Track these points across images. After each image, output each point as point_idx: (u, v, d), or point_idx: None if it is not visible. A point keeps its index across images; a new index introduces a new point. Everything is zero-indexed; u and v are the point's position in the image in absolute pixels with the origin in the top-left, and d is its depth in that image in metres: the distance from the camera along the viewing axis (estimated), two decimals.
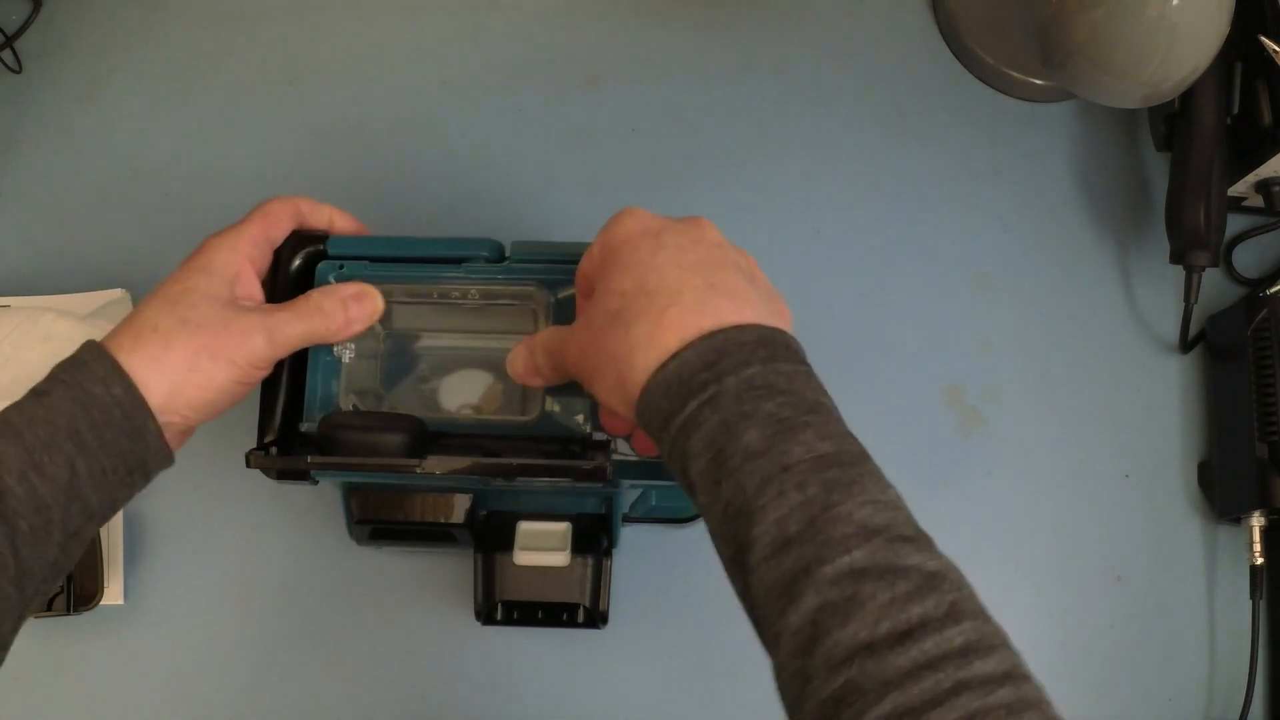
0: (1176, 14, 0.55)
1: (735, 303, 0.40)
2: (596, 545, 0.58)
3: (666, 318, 0.39)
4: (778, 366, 0.38)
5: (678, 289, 0.40)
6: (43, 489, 0.41)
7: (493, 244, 0.54)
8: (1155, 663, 0.65)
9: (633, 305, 0.41)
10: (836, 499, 0.35)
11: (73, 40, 0.75)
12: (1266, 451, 0.62)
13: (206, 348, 0.45)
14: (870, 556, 0.34)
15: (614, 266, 0.42)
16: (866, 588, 0.33)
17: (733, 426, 0.36)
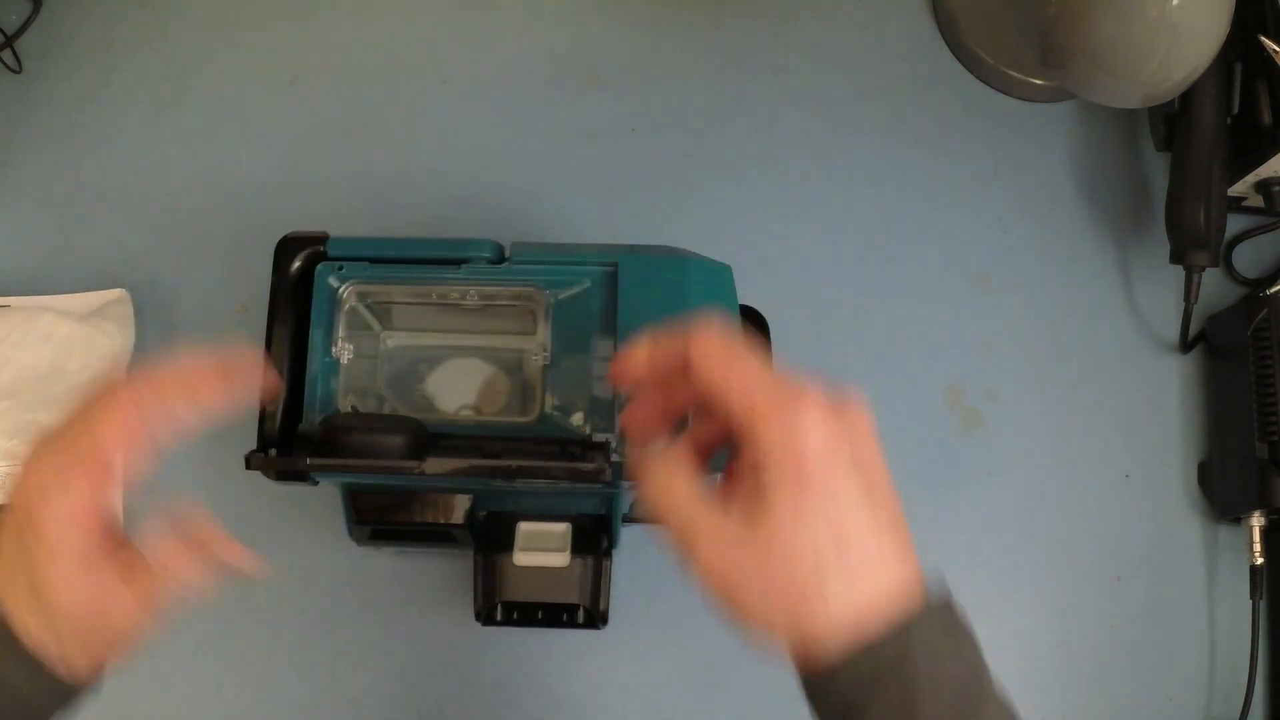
0: (1176, 14, 0.55)
1: (908, 564, 0.37)
2: (596, 545, 0.58)
3: (860, 587, 0.36)
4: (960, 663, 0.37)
5: (872, 559, 0.36)
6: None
7: (493, 244, 0.54)
8: (1155, 663, 0.65)
9: (826, 557, 0.36)
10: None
11: (73, 40, 0.75)
12: (1266, 451, 0.62)
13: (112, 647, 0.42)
14: None
15: (802, 490, 0.36)
16: None
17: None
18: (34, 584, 0.40)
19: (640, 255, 0.53)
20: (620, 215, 0.71)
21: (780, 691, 0.64)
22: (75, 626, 0.40)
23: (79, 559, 0.40)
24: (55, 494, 0.40)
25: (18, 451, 0.64)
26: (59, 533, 0.39)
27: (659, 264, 0.53)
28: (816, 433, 0.36)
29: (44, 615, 0.40)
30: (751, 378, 0.37)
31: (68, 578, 0.40)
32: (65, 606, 0.40)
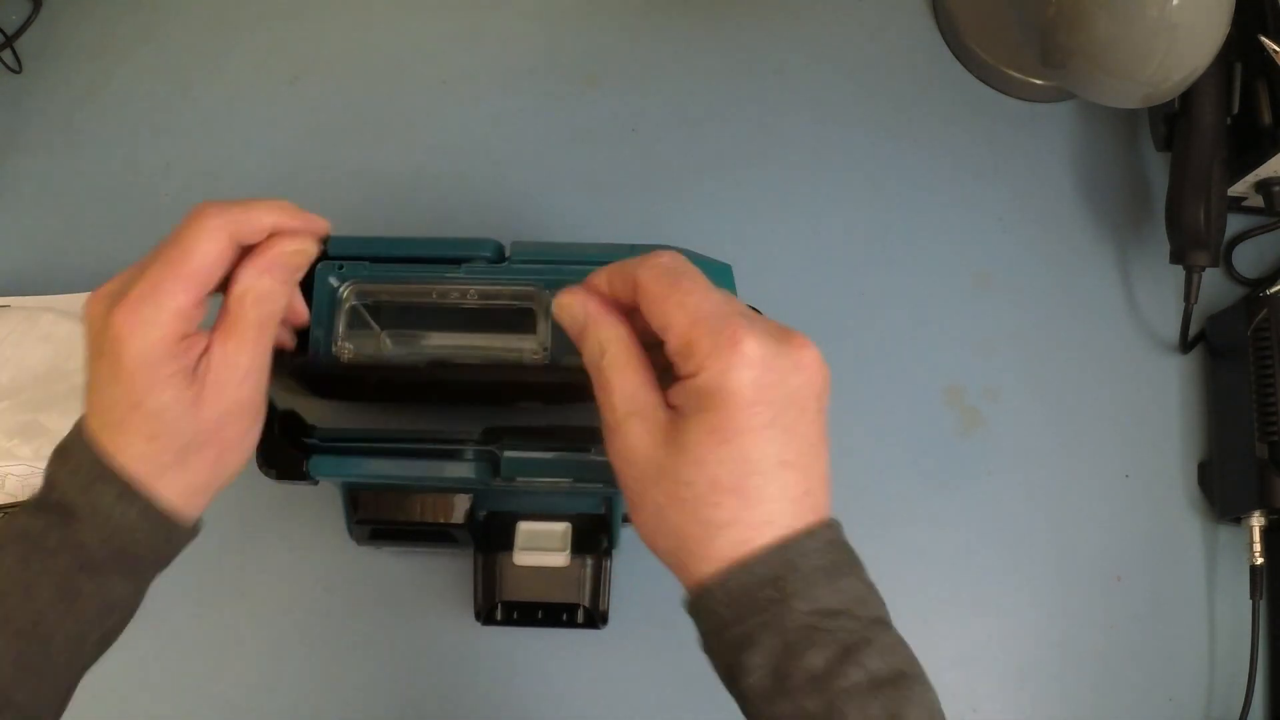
0: (1176, 14, 0.55)
1: (814, 498, 0.38)
2: (596, 545, 0.58)
3: (748, 518, 0.37)
4: (840, 585, 0.38)
5: (771, 494, 0.37)
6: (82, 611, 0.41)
7: (493, 244, 0.54)
8: (1155, 663, 0.65)
9: (720, 495, 0.37)
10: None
11: (73, 40, 0.75)
12: (1266, 451, 0.62)
13: (223, 447, 0.43)
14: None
15: (716, 432, 0.37)
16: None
17: (795, 648, 0.36)
18: (133, 406, 0.40)
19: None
20: (620, 215, 0.71)
21: None
22: (178, 445, 0.41)
23: (175, 372, 0.40)
24: (146, 310, 0.39)
25: (18, 451, 0.64)
26: (151, 347, 0.39)
27: None
28: (747, 370, 0.37)
29: (147, 442, 0.40)
30: (696, 304, 0.38)
31: (166, 392, 0.40)
32: (169, 422, 0.40)
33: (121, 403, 0.40)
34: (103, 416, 0.41)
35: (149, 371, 0.40)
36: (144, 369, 0.39)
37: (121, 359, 0.39)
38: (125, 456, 0.41)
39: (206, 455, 0.42)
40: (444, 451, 0.52)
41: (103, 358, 0.40)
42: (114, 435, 0.41)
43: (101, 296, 0.41)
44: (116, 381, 0.40)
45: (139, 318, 0.39)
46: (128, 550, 0.41)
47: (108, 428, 0.41)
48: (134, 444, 0.40)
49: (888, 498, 0.66)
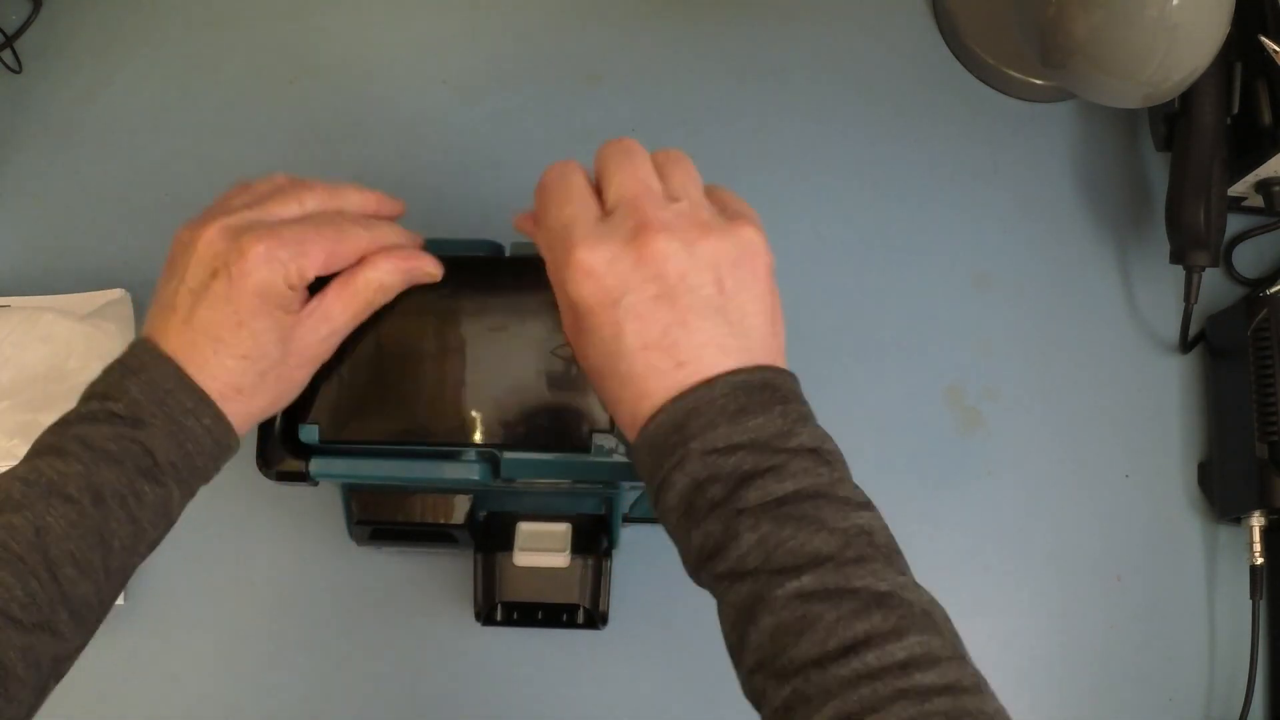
0: (1176, 14, 0.55)
1: (705, 355, 0.41)
2: (596, 546, 0.58)
3: (639, 390, 0.42)
4: (744, 422, 0.40)
5: (644, 371, 0.41)
6: (140, 514, 0.44)
7: (493, 244, 0.54)
8: (1155, 663, 0.65)
9: (608, 380, 0.43)
10: (787, 534, 0.38)
11: (73, 40, 0.75)
12: (1266, 451, 0.62)
13: (286, 386, 0.49)
14: (819, 580, 0.37)
15: (585, 336, 0.43)
16: (815, 608, 0.37)
17: (701, 483, 0.40)
18: (238, 325, 0.45)
19: None
20: None
21: None
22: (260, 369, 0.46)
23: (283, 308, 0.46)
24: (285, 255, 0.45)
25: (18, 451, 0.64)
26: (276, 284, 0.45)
27: None
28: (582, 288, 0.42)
29: (238, 360, 0.46)
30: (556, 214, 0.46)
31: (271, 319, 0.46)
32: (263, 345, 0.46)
33: (229, 320, 0.45)
34: (198, 331, 0.45)
35: (264, 301, 0.45)
36: (261, 298, 0.45)
37: (245, 284, 0.45)
38: (209, 373, 0.45)
39: (273, 386, 0.47)
40: (444, 452, 0.52)
41: (220, 278, 0.45)
42: (204, 351, 0.45)
43: (222, 227, 0.46)
44: (229, 301, 0.45)
45: (277, 258, 0.45)
46: (191, 460, 0.45)
47: (198, 344, 0.45)
48: (225, 361, 0.45)
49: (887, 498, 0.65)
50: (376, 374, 0.52)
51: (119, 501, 0.43)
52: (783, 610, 0.37)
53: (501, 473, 0.52)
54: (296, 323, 0.47)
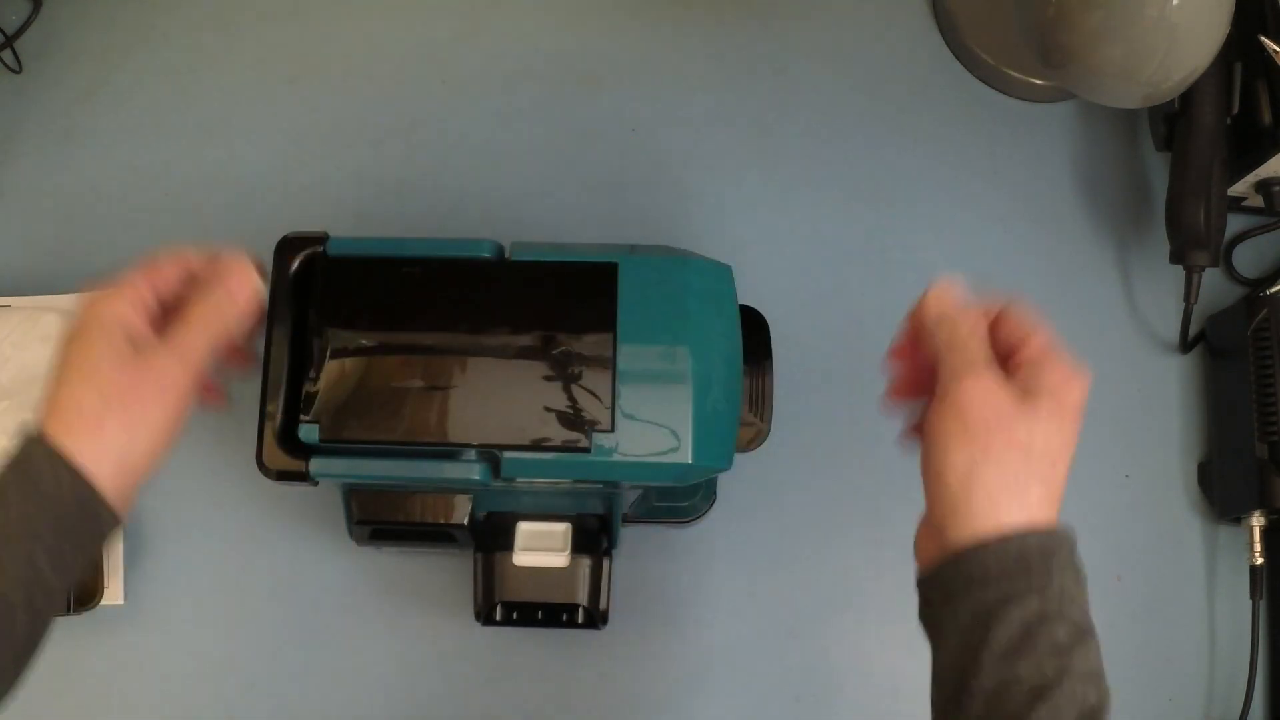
0: (1176, 14, 0.55)
1: (1055, 502, 0.45)
2: (596, 545, 0.58)
3: (1037, 495, 0.43)
4: (1080, 580, 0.43)
5: (1059, 480, 0.44)
6: (2, 584, 0.43)
7: (493, 244, 0.54)
8: (1155, 663, 0.65)
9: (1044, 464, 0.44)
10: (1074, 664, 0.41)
11: (73, 40, 0.75)
12: (1266, 451, 0.62)
13: (135, 408, 0.46)
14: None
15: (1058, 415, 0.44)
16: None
17: (1048, 618, 0.41)
18: (82, 357, 0.46)
19: (640, 255, 0.53)
20: (620, 215, 0.71)
21: (779, 691, 0.65)
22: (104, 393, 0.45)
23: (124, 337, 0.46)
24: (109, 287, 0.48)
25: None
26: (111, 313, 0.47)
27: (659, 264, 0.53)
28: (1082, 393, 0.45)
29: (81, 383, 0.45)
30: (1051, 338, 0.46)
31: (110, 345, 0.46)
32: (103, 369, 0.45)
33: (71, 357, 0.46)
34: (50, 383, 0.46)
35: (100, 329, 0.46)
36: (97, 327, 0.46)
37: (82, 324, 0.47)
38: (50, 409, 0.45)
39: (122, 410, 0.45)
40: (444, 452, 0.52)
41: (70, 336, 0.47)
42: (51, 391, 0.45)
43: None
44: (73, 343, 0.46)
45: (103, 294, 0.48)
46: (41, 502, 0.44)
47: (47, 390, 0.46)
48: (64, 390, 0.45)
49: (888, 498, 0.66)
50: (377, 374, 0.52)
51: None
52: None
53: (501, 472, 0.52)
54: (136, 350, 0.46)
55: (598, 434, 0.51)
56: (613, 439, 0.51)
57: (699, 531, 0.66)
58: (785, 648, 0.65)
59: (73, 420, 0.45)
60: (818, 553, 0.66)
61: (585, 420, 0.51)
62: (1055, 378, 0.44)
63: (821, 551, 0.66)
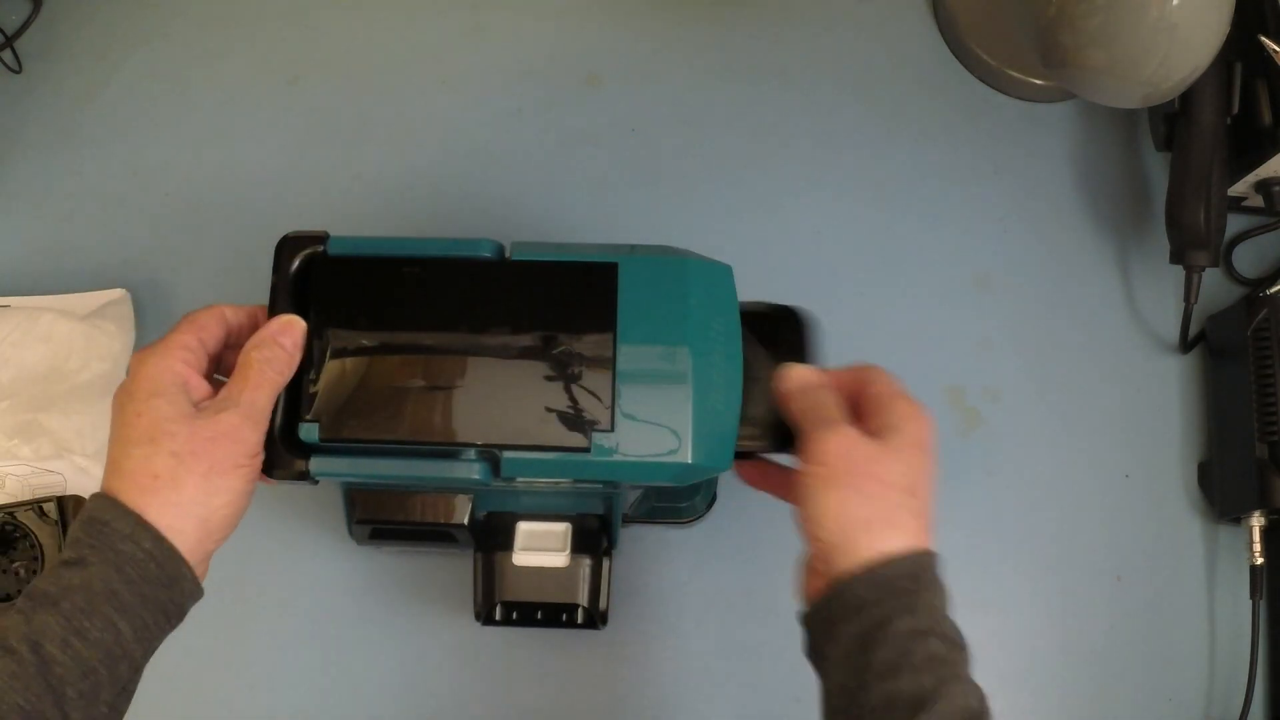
0: (1176, 14, 0.55)
1: (924, 526, 0.47)
2: (596, 545, 0.58)
3: (901, 522, 0.46)
4: (946, 599, 0.46)
5: (918, 509, 0.47)
6: (87, 653, 0.42)
7: (493, 244, 0.54)
8: (1155, 663, 0.65)
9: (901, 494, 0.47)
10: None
11: (73, 40, 0.75)
12: (1266, 451, 0.62)
13: (213, 469, 0.45)
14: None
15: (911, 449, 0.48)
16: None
17: (920, 635, 0.44)
18: (138, 415, 0.45)
19: (640, 255, 0.53)
20: (620, 215, 0.71)
21: (779, 691, 0.65)
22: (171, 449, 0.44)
23: (185, 397, 0.46)
24: (158, 346, 0.47)
25: (18, 451, 0.64)
26: (166, 373, 0.46)
27: (659, 264, 0.53)
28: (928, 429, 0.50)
29: (147, 445, 0.44)
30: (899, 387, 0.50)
31: (170, 404, 0.45)
32: (166, 426, 0.44)
33: (130, 420, 0.45)
34: (113, 449, 0.45)
35: (158, 387, 0.45)
36: (154, 385, 0.45)
37: (136, 384, 0.46)
38: (126, 472, 0.44)
39: (196, 466, 0.44)
40: (444, 451, 0.52)
41: (123, 400, 0.46)
42: (121, 463, 0.44)
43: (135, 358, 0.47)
44: (129, 403, 0.45)
45: (152, 352, 0.47)
46: (137, 588, 0.43)
47: (113, 457, 0.45)
48: (133, 452, 0.44)
49: None
50: (377, 373, 0.52)
51: (60, 645, 0.41)
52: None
53: (501, 472, 0.52)
54: (198, 408, 0.46)
55: (598, 434, 0.50)
56: (613, 439, 0.50)
57: (699, 531, 0.66)
58: (785, 648, 0.65)
59: (146, 483, 0.44)
60: None
61: (585, 420, 0.51)
62: (900, 416, 0.48)
63: None
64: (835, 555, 0.45)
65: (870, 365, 0.51)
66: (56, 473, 0.66)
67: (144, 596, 0.43)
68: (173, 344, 0.47)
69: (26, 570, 0.63)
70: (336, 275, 0.53)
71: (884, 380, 0.50)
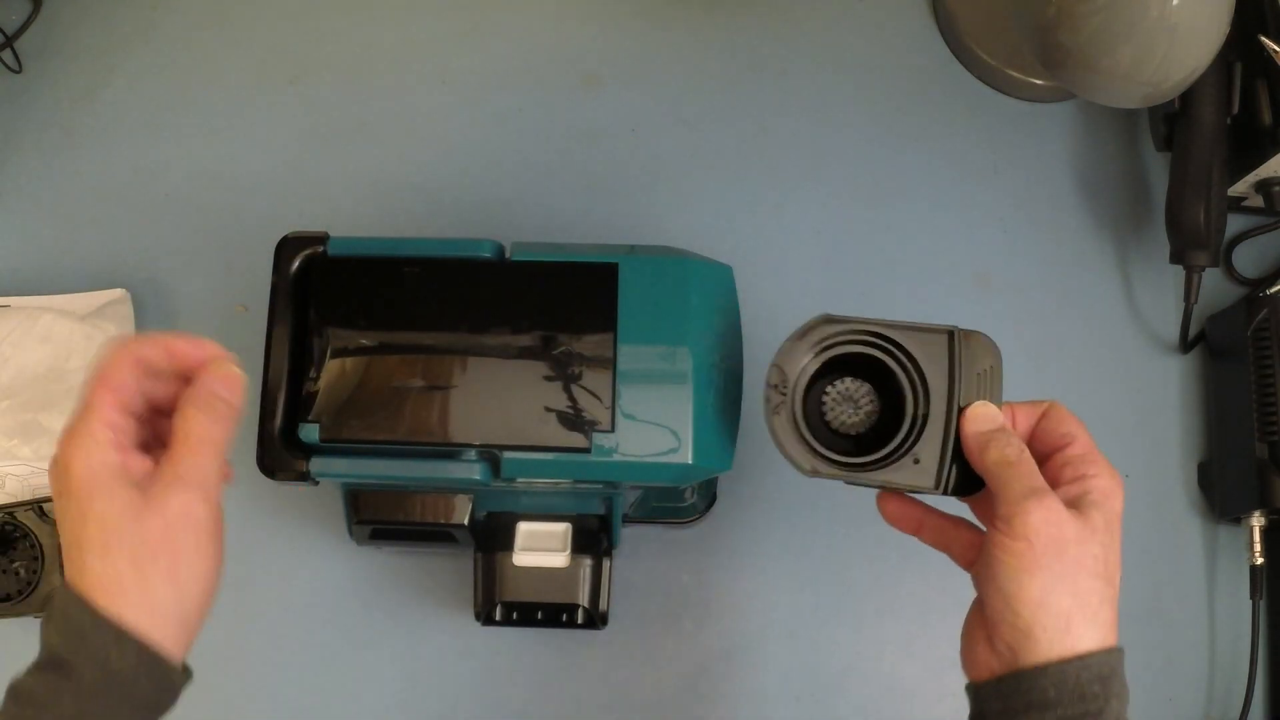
0: (1176, 14, 0.55)
1: (1115, 618, 0.45)
2: (596, 546, 0.58)
3: (1103, 616, 0.45)
4: (1124, 714, 0.44)
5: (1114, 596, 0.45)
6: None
7: (493, 244, 0.54)
8: (1155, 663, 0.65)
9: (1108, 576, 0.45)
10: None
11: (73, 40, 0.75)
12: (1266, 451, 0.62)
13: (176, 563, 0.42)
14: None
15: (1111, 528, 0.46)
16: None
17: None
18: (84, 521, 0.41)
19: (640, 255, 0.53)
20: (620, 215, 0.71)
21: (778, 691, 0.65)
22: (129, 554, 0.41)
23: (126, 485, 0.41)
24: (76, 434, 0.42)
25: (18, 451, 0.64)
26: (97, 466, 0.41)
27: (659, 264, 0.53)
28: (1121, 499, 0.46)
29: (101, 557, 0.41)
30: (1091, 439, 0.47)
31: (112, 500, 0.41)
32: (116, 530, 0.41)
33: (76, 523, 0.41)
34: (68, 551, 0.42)
35: (94, 484, 0.41)
36: (89, 483, 0.41)
37: (70, 482, 0.41)
38: (86, 582, 0.41)
39: (160, 566, 0.42)
40: (445, 452, 0.52)
41: (62, 495, 0.42)
42: (77, 563, 0.41)
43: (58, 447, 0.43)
44: (69, 503, 0.41)
45: (77, 440, 0.42)
46: (114, 684, 0.41)
47: (71, 560, 0.42)
48: (91, 563, 0.41)
49: None
50: (377, 374, 0.52)
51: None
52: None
53: (501, 472, 0.52)
54: (142, 492, 0.42)
55: (598, 434, 0.51)
56: (613, 439, 0.51)
57: (699, 531, 0.66)
58: (785, 648, 0.65)
59: (114, 590, 0.41)
60: (818, 553, 0.66)
61: (585, 420, 0.51)
62: (1101, 489, 0.45)
63: (822, 551, 0.66)
64: (1025, 643, 0.43)
65: (1054, 404, 0.48)
66: None
67: (135, 706, 0.41)
68: (94, 426, 0.42)
69: (26, 570, 0.63)
70: (336, 276, 0.53)
71: (1082, 436, 0.47)
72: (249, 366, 0.53)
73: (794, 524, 0.66)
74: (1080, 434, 0.47)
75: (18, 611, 0.63)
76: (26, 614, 0.63)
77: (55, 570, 0.62)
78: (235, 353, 0.70)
